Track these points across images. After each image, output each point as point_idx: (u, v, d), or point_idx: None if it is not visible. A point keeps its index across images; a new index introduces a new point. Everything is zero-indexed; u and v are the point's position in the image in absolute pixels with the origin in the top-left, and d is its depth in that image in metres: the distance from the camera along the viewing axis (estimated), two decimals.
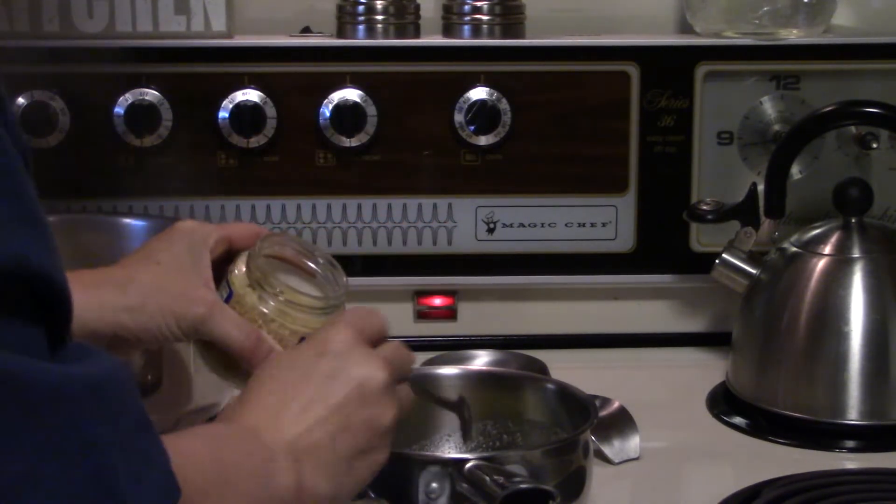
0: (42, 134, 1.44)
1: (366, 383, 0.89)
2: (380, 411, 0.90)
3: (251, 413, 0.86)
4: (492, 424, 1.12)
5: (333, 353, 0.89)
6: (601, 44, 1.51)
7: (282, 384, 0.88)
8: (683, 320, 1.57)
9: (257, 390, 0.88)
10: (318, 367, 0.89)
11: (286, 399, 0.87)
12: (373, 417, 0.89)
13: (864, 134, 1.50)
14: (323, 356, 0.89)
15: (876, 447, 1.29)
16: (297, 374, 0.89)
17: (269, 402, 0.87)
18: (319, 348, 0.90)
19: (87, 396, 0.62)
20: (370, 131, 1.47)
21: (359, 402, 0.89)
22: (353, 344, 0.90)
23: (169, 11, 1.47)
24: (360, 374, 0.89)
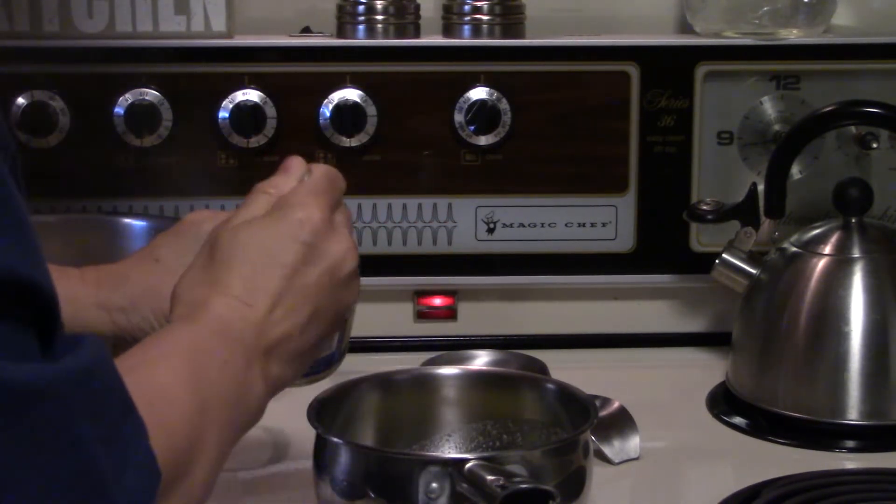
0: (42, 134, 1.44)
1: (338, 269, 0.89)
2: (347, 294, 0.91)
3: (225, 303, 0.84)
4: (492, 424, 1.12)
5: (307, 240, 0.88)
6: (601, 44, 1.51)
7: (253, 269, 0.86)
8: (683, 320, 1.57)
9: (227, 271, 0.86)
10: (291, 252, 0.88)
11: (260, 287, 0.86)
12: (339, 301, 0.90)
13: (864, 134, 1.50)
14: (296, 241, 0.88)
15: (876, 447, 1.29)
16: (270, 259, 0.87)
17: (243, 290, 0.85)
18: (293, 231, 0.88)
19: (72, 392, 0.62)
20: (370, 131, 1.47)
21: (329, 289, 0.89)
22: (325, 226, 0.89)
23: (169, 11, 1.47)
24: (333, 260, 0.89)
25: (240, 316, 0.84)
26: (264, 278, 0.86)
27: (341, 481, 0.99)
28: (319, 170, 0.94)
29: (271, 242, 0.88)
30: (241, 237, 0.88)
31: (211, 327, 0.83)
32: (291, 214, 0.89)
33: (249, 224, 0.89)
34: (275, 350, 0.85)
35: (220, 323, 0.83)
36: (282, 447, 1.27)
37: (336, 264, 0.90)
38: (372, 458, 1.00)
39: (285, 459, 1.25)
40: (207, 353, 0.81)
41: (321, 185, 0.92)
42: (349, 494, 0.99)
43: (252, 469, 1.24)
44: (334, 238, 0.90)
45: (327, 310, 0.89)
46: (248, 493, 1.20)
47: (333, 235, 0.90)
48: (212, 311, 0.84)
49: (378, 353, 1.54)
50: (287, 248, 0.88)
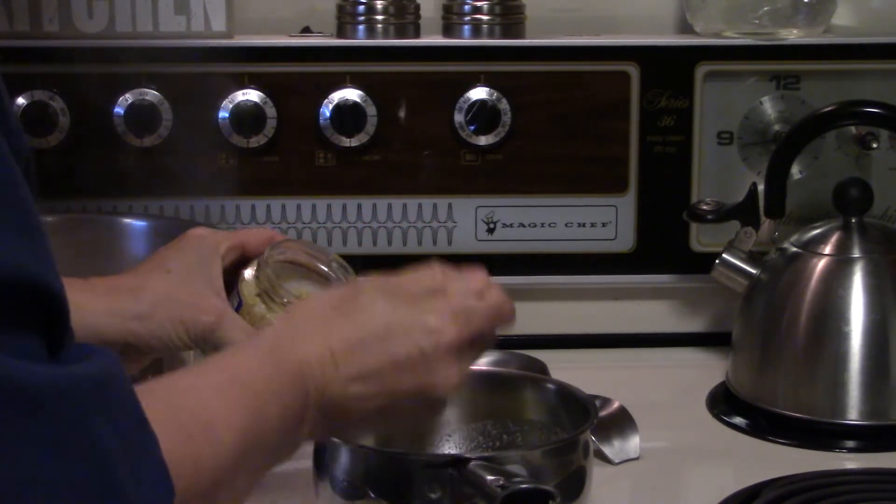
0: (42, 134, 1.44)
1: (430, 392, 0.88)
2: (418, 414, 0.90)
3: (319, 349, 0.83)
4: (492, 424, 1.12)
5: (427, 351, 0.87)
6: (601, 44, 1.51)
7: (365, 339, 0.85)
8: (683, 320, 1.57)
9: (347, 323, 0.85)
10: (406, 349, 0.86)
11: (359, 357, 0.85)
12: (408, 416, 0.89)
13: (864, 134, 1.50)
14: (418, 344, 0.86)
15: (876, 447, 1.29)
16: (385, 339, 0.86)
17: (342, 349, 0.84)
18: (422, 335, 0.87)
19: (88, 396, 0.62)
20: (370, 131, 1.47)
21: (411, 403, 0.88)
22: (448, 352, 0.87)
23: (169, 11, 1.47)
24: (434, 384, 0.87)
25: (322, 370, 0.83)
26: (366, 353, 0.85)
27: (341, 481, 0.99)
28: (492, 301, 0.93)
29: (395, 327, 0.87)
30: (376, 307, 0.87)
31: (290, 367, 0.82)
32: (430, 318, 0.88)
33: (394, 297, 0.88)
34: (333, 417, 0.84)
35: (301, 367, 0.82)
36: None
37: (435, 385, 0.88)
38: (372, 458, 1.00)
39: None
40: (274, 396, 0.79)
41: (479, 315, 0.91)
42: (349, 494, 0.99)
43: None
44: (448, 365, 0.88)
45: (396, 415, 0.89)
46: None
47: (450, 363, 0.88)
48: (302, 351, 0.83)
49: None
50: (403, 342, 0.87)
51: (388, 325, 0.87)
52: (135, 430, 0.66)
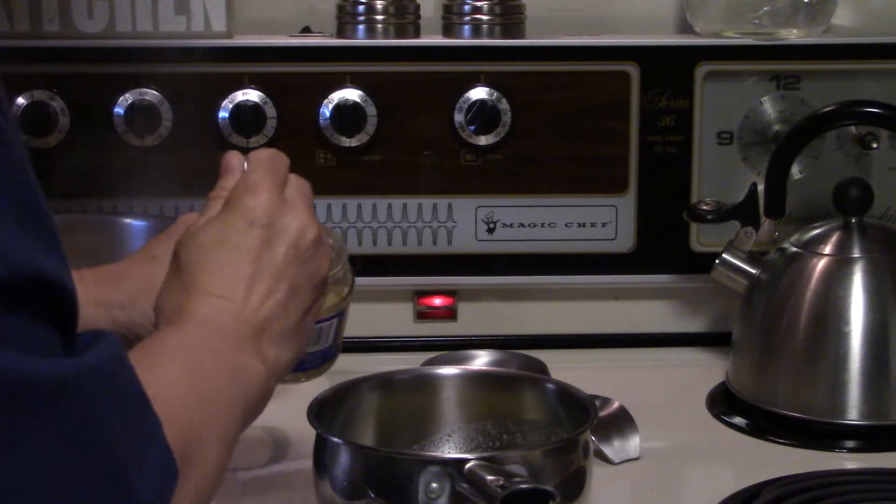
0: (42, 134, 1.44)
1: (300, 241, 0.90)
2: (317, 263, 0.91)
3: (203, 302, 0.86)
4: (492, 424, 1.12)
5: (262, 222, 0.89)
6: (601, 44, 1.51)
7: (220, 264, 0.88)
8: (683, 320, 1.57)
9: (198, 272, 0.88)
10: (251, 237, 0.89)
11: (232, 279, 0.87)
12: (312, 272, 0.91)
13: (864, 134, 1.50)
14: (253, 226, 0.89)
15: (876, 447, 1.29)
16: (233, 250, 0.88)
17: (217, 286, 0.87)
18: (247, 217, 0.89)
19: (95, 387, 0.63)
20: (370, 131, 1.47)
21: (298, 262, 0.90)
22: (276, 204, 0.90)
23: (169, 11, 1.47)
24: (294, 234, 0.90)
25: (220, 310, 0.85)
26: (232, 269, 0.87)
27: (341, 481, 0.99)
28: (257, 154, 0.95)
29: (229, 234, 0.89)
30: (200, 239, 0.89)
31: (196, 326, 0.84)
32: (241, 203, 0.90)
33: (205, 225, 0.91)
34: (264, 332, 0.87)
35: (204, 320, 0.85)
36: (282, 447, 1.28)
37: (297, 237, 0.90)
38: (372, 458, 1.00)
39: (285, 459, 1.25)
40: (198, 349, 0.82)
41: (262, 168, 0.93)
42: (349, 494, 0.99)
43: (252, 469, 1.24)
44: (288, 213, 0.91)
45: (302, 282, 0.90)
46: (248, 493, 1.20)
47: (287, 210, 0.91)
48: (193, 313, 0.85)
49: (378, 353, 1.54)
50: (245, 235, 0.89)
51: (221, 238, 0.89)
52: (139, 414, 0.67)
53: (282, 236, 0.90)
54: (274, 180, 0.92)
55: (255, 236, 0.89)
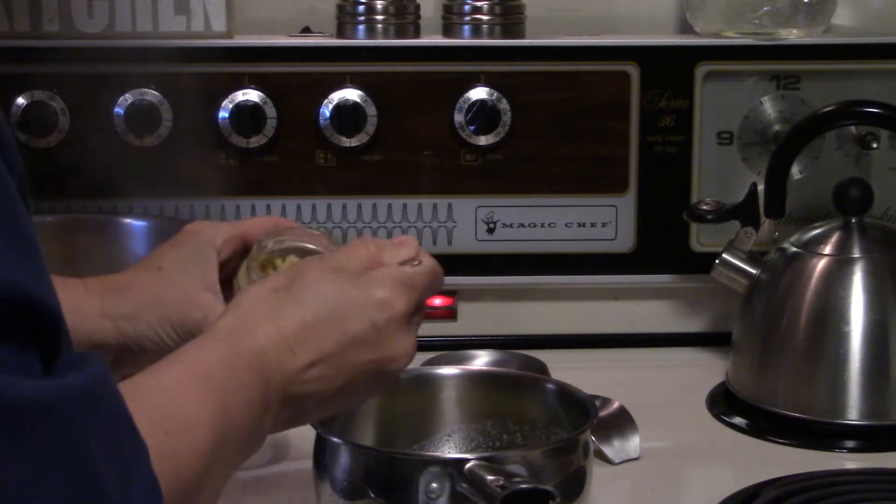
0: (42, 134, 1.44)
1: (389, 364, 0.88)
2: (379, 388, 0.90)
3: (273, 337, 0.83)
4: (492, 424, 1.12)
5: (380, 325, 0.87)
6: (601, 44, 1.51)
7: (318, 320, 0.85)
8: (683, 320, 1.57)
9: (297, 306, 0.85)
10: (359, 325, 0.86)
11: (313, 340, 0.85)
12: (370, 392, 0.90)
13: (864, 134, 1.50)
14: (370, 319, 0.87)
15: (876, 447, 1.29)
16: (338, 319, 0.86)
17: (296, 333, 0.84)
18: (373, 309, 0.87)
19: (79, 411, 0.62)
20: (370, 131, 1.47)
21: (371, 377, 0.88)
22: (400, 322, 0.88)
23: (169, 11, 1.47)
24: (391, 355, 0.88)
25: (279, 358, 0.83)
26: (321, 335, 0.85)
27: (341, 481, 0.99)
28: (427, 264, 0.93)
29: (346, 306, 0.87)
30: (323, 286, 0.87)
31: (248, 360, 0.82)
32: (378, 292, 0.88)
33: (338, 275, 0.88)
34: (294, 403, 0.85)
35: (259, 357, 0.82)
36: (282, 447, 1.27)
37: (390, 359, 0.88)
38: (372, 458, 1.00)
39: (285, 459, 1.25)
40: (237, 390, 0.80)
41: (420, 280, 0.91)
42: (349, 494, 0.99)
43: (252, 469, 1.24)
44: (403, 336, 0.89)
45: (356, 393, 0.89)
46: (248, 493, 1.20)
47: (403, 333, 0.89)
48: (257, 341, 0.83)
49: None
50: (356, 320, 0.87)
51: (338, 304, 0.87)
52: (124, 440, 0.65)
53: (380, 348, 0.87)
54: (418, 298, 0.90)
55: (362, 328, 0.86)
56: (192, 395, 0.76)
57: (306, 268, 0.89)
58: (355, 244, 0.92)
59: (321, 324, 0.86)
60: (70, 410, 0.61)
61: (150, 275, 1.00)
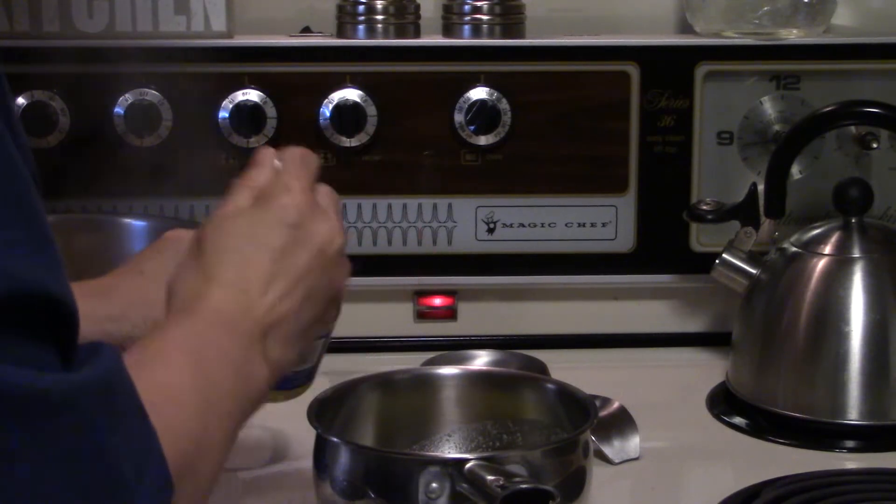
0: (42, 134, 1.44)
1: (327, 248, 0.90)
2: (338, 273, 0.91)
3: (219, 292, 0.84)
4: (492, 424, 1.12)
5: (293, 222, 0.89)
6: (601, 44, 1.51)
7: (244, 256, 0.87)
8: (683, 320, 1.57)
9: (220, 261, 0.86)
10: (279, 235, 0.88)
11: (252, 273, 0.86)
12: (331, 281, 0.91)
13: (864, 134, 1.50)
14: (283, 225, 0.88)
15: (876, 447, 1.29)
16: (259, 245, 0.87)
17: (236, 277, 0.86)
18: (278, 215, 0.89)
19: (95, 401, 0.63)
20: (370, 131, 1.47)
21: (320, 269, 0.89)
22: (309, 207, 0.90)
23: (169, 11, 1.47)
24: (322, 240, 0.89)
25: (235, 303, 0.85)
26: (255, 264, 0.87)
27: (341, 481, 0.99)
28: (291, 153, 0.94)
29: (258, 229, 0.88)
30: (226, 227, 0.89)
31: (208, 318, 0.83)
32: (274, 200, 0.90)
33: (234, 215, 0.90)
34: (273, 332, 0.86)
35: (217, 313, 0.84)
36: (282, 447, 1.27)
37: (324, 244, 0.90)
38: (372, 458, 1.00)
39: (285, 459, 1.25)
40: (208, 346, 0.81)
41: (297, 168, 0.93)
42: (349, 494, 0.99)
43: (252, 469, 1.24)
44: (319, 218, 0.91)
45: (320, 290, 0.90)
46: (248, 493, 1.20)
47: (318, 215, 0.91)
48: (207, 302, 0.84)
49: (378, 353, 1.54)
50: (274, 233, 0.88)
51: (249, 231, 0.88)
52: (137, 425, 0.67)
53: (309, 240, 0.89)
54: (308, 182, 0.92)
55: (284, 235, 0.88)
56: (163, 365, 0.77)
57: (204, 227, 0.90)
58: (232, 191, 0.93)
59: (248, 256, 0.87)
60: (87, 402, 0.62)
61: (132, 277, 1.00)
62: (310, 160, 0.95)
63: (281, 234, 0.88)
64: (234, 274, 0.86)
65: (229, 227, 0.89)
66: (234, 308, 0.84)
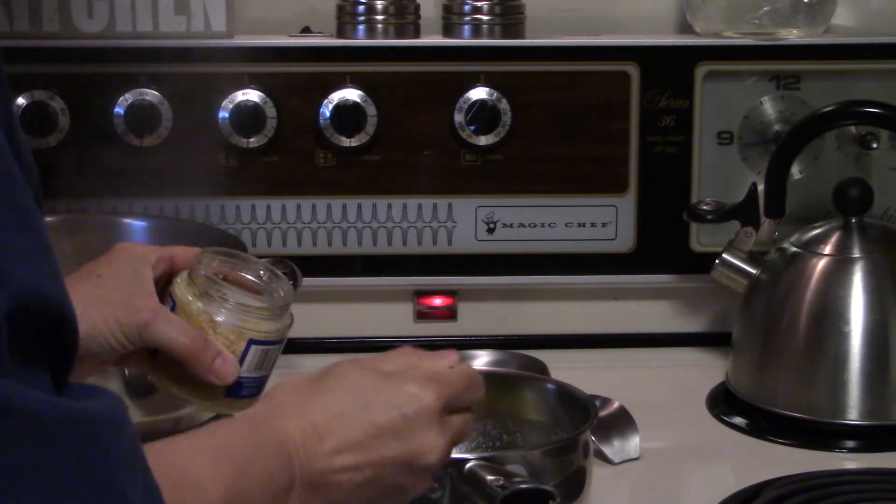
0: (42, 134, 1.44)
1: (419, 458, 0.87)
2: (412, 484, 0.89)
3: (301, 421, 0.84)
4: (492, 424, 1.12)
5: (409, 418, 0.87)
6: (601, 44, 1.51)
7: (346, 409, 0.86)
8: (683, 320, 1.57)
9: (326, 395, 0.86)
10: (388, 416, 0.86)
11: (340, 427, 0.85)
12: (403, 487, 0.88)
13: (864, 134, 1.50)
14: (398, 410, 0.87)
15: (876, 447, 1.29)
16: (366, 409, 0.86)
17: (324, 420, 0.85)
18: (402, 401, 0.87)
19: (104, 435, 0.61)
20: (370, 131, 1.47)
21: (401, 470, 0.87)
22: (430, 416, 0.87)
23: (169, 11, 1.47)
24: (421, 448, 0.87)
25: (305, 442, 0.83)
26: (348, 423, 0.85)
27: None
28: (462, 368, 0.93)
29: (375, 397, 0.87)
30: (353, 377, 0.88)
31: (273, 440, 0.82)
32: (408, 386, 0.88)
33: (371, 371, 0.89)
34: (321, 491, 0.84)
35: (285, 438, 0.83)
36: None
37: (421, 452, 0.87)
38: None
39: None
40: (256, 464, 0.80)
41: (452, 379, 0.91)
42: None
43: None
44: (433, 430, 0.88)
45: (386, 487, 0.88)
46: None
47: (434, 427, 0.88)
48: (283, 423, 0.83)
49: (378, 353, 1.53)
50: (385, 411, 0.87)
51: (367, 394, 0.87)
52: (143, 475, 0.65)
53: (410, 440, 0.87)
54: (450, 397, 0.89)
55: (391, 418, 0.86)
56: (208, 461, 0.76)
57: (341, 362, 0.90)
58: (398, 352, 0.92)
59: (349, 412, 0.86)
60: (97, 433, 0.61)
61: (89, 280, 0.98)
62: (472, 385, 0.92)
63: (391, 416, 0.86)
64: (324, 418, 0.85)
65: (356, 378, 0.88)
66: (302, 445, 0.83)
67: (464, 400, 0.91)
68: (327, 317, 1.53)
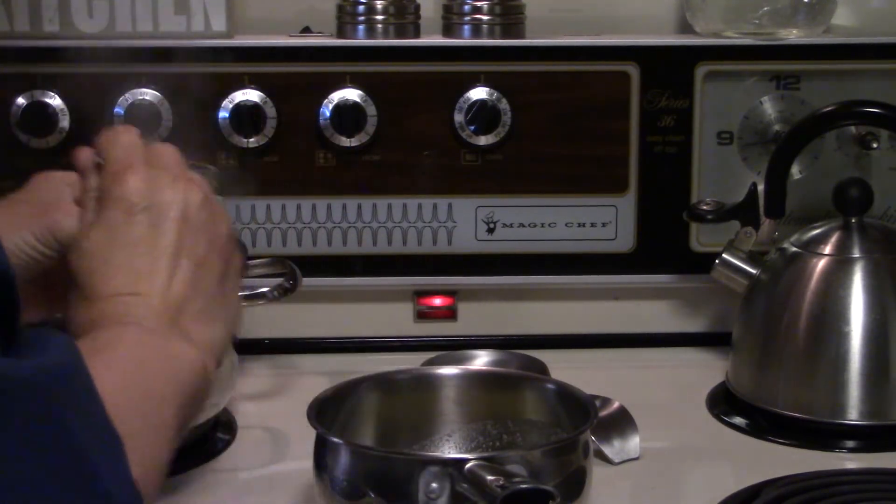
0: (42, 134, 1.44)
1: (187, 211, 0.86)
2: (213, 226, 0.88)
3: (112, 305, 0.82)
4: (492, 424, 1.12)
5: (141, 206, 0.85)
6: (601, 44, 1.51)
7: (115, 263, 0.84)
8: (683, 320, 1.57)
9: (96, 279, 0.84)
10: (135, 225, 0.85)
11: (132, 273, 0.84)
12: (211, 237, 0.87)
13: (864, 134, 1.51)
14: (132, 213, 0.85)
15: (876, 447, 1.29)
16: (123, 245, 0.85)
17: (119, 285, 0.83)
18: (123, 207, 0.86)
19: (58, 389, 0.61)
20: (370, 131, 1.47)
21: (192, 233, 0.86)
22: (147, 182, 0.86)
23: (169, 11, 1.47)
24: (177, 206, 0.86)
25: (133, 306, 0.82)
26: (129, 264, 0.84)
27: (341, 481, 0.99)
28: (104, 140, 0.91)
29: (113, 231, 0.86)
30: (86, 245, 0.86)
31: (114, 329, 0.81)
32: (112, 195, 0.87)
33: (87, 230, 0.87)
34: (182, 315, 0.84)
35: (120, 320, 0.81)
36: (282, 447, 1.28)
37: (182, 208, 0.87)
38: (372, 458, 1.00)
39: (285, 459, 1.25)
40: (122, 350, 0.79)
41: (116, 151, 0.89)
42: (349, 494, 0.99)
43: (252, 469, 1.24)
44: (163, 186, 0.87)
45: (203, 251, 0.87)
46: (248, 493, 1.20)
47: (161, 184, 0.87)
48: (107, 318, 0.82)
49: (378, 353, 1.54)
50: (129, 226, 0.85)
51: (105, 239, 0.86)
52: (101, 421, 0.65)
53: (163, 214, 0.86)
54: (133, 158, 0.88)
55: (140, 223, 0.85)
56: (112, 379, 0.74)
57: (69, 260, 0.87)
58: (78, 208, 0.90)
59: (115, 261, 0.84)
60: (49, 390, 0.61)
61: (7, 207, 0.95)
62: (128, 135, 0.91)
63: (136, 223, 0.85)
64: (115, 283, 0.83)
65: (87, 244, 0.86)
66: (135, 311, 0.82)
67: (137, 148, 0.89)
68: (327, 317, 1.53)
